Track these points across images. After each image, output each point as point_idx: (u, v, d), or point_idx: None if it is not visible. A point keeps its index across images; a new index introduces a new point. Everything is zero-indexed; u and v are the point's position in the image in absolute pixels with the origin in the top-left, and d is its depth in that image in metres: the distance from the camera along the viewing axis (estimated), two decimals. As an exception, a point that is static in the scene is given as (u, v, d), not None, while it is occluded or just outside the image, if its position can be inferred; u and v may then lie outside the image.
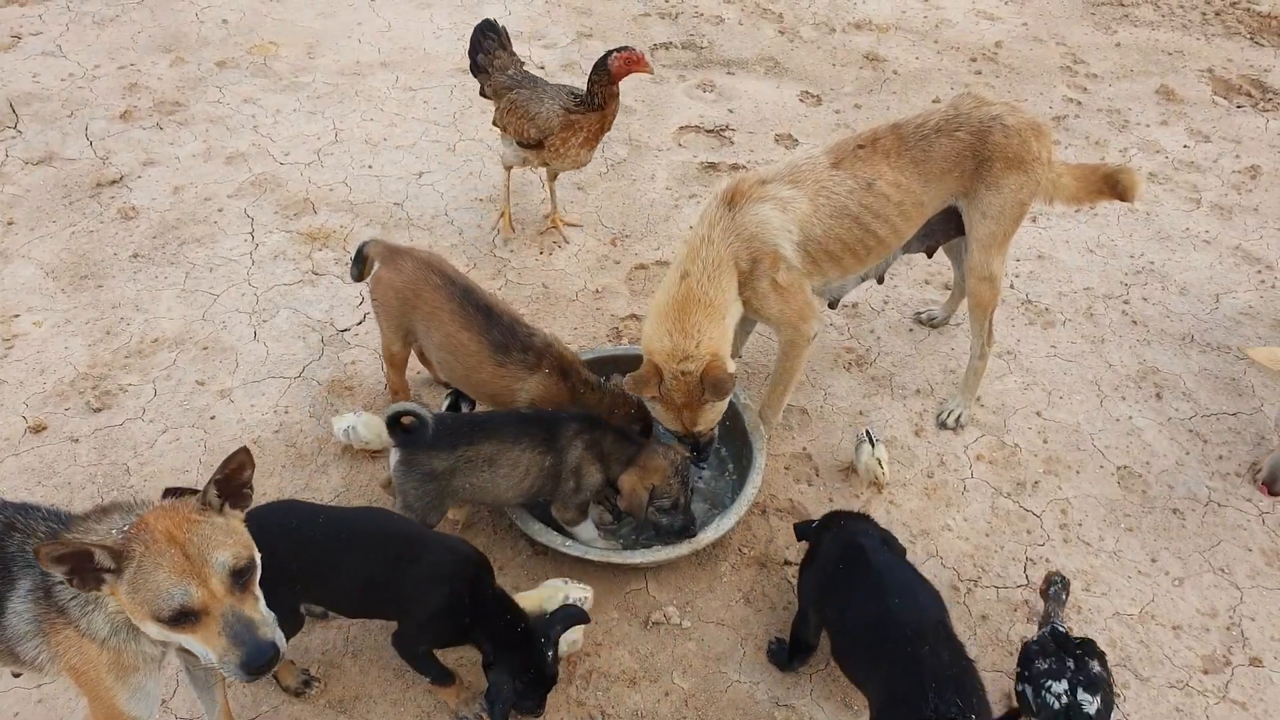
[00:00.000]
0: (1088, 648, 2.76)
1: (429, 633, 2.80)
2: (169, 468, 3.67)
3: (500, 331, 3.39)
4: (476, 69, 4.61)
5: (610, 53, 4.17)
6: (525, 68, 4.63)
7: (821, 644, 3.02)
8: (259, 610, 2.09)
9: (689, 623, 3.27)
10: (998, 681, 3.10)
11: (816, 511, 3.59)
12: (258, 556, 2.15)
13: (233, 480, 2.15)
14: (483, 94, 4.70)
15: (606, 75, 4.18)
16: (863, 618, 2.67)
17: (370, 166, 5.31)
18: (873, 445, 3.64)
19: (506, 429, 3.20)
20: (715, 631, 3.25)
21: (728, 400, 3.39)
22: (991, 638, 3.22)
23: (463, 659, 3.12)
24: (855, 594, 2.74)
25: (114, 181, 5.05)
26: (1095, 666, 2.70)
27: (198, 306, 4.39)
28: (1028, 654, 2.80)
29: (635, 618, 3.29)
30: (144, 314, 4.32)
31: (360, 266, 3.61)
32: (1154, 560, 3.44)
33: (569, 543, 3.30)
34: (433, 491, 3.11)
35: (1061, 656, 2.72)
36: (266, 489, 3.60)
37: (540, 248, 4.80)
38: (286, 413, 3.93)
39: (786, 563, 3.45)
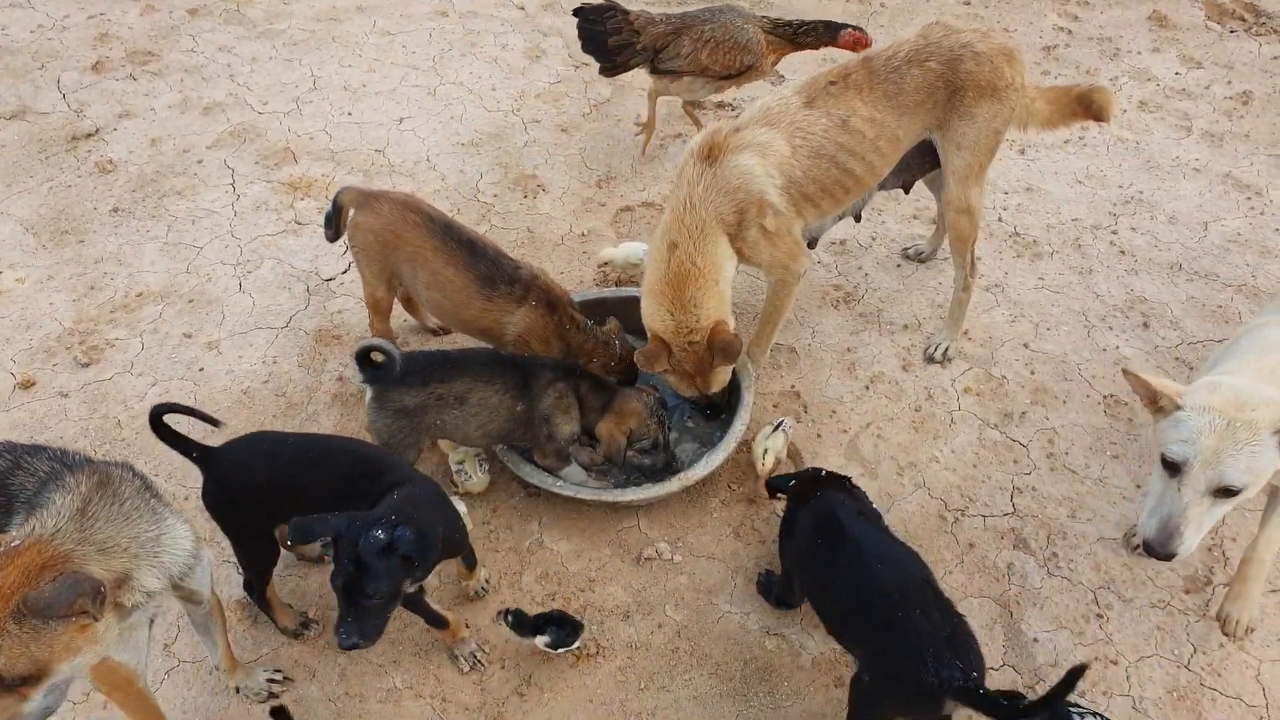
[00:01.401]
0: None
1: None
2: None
3: (486, 265, 3.38)
4: (610, 52, 4.48)
5: (846, 26, 4.35)
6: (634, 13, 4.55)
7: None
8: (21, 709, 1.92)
9: (680, 557, 3.32)
10: (984, 607, 3.16)
11: (806, 448, 3.63)
12: (50, 669, 1.90)
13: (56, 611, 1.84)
14: (611, 70, 4.56)
15: (827, 38, 4.37)
16: (848, 590, 2.60)
17: (350, 114, 5.24)
18: (774, 431, 3.50)
19: (480, 368, 3.19)
20: (706, 565, 3.29)
21: (739, 358, 3.41)
22: (978, 565, 3.27)
23: (460, 598, 3.17)
24: (836, 566, 2.67)
25: (89, 135, 4.98)
26: None
27: (181, 259, 4.35)
28: None
29: (628, 554, 3.33)
30: (127, 268, 4.29)
31: (337, 219, 3.53)
32: (1139, 486, 3.48)
33: (560, 483, 3.33)
34: (405, 428, 3.11)
35: None
36: (258, 438, 3.61)
37: (524, 191, 4.76)
38: (275, 363, 3.92)
39: (776, 497, 3.47)
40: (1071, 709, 2.41)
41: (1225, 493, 2.42)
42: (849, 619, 2.64)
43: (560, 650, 2.93)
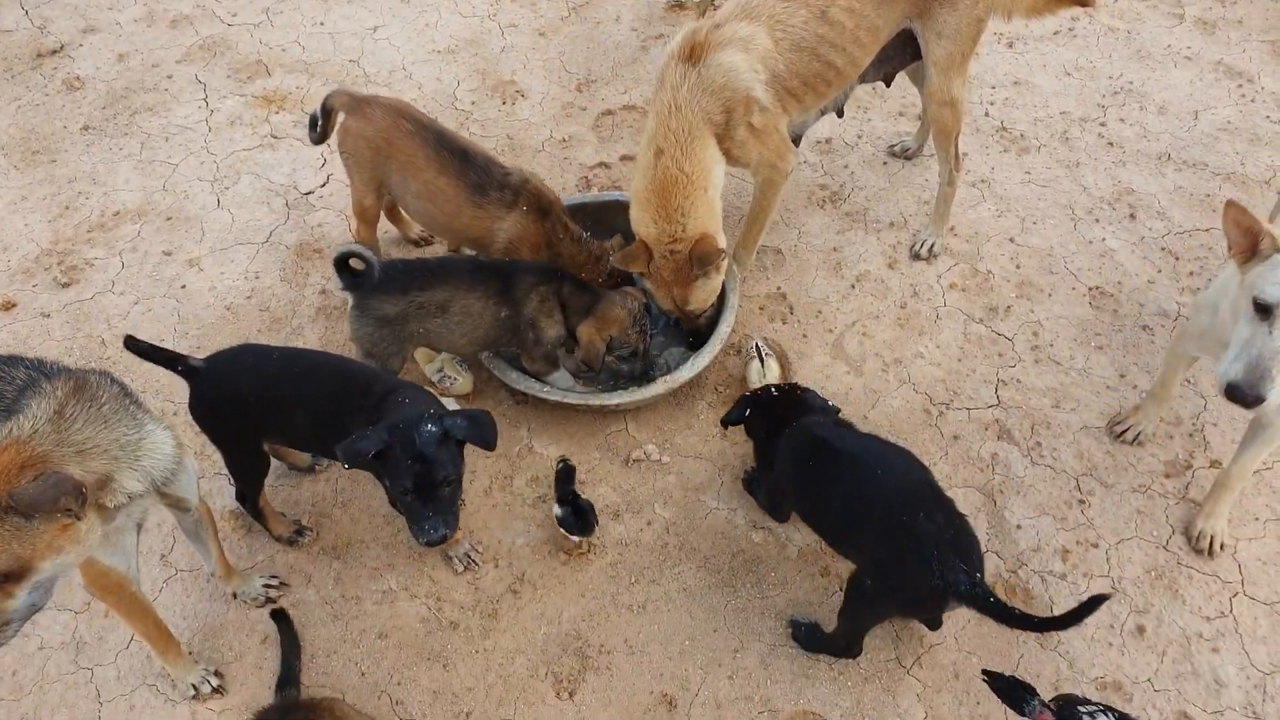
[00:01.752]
0: None
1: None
2: (144, 338, 3.64)
3: (476, 173, 3.33)
4: None
5: None
6: None
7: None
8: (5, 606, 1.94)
9: (668, 458, 3.35)
10: (969, 496, 3.21)
11: (792, 348, 3.63)
12: (34, 567, 1.92)
13: (39, 507, 1.86)
14: None
15: None
16: (848, 502, 2.58)
17: (322, 24, 5.10)
18: (763, 363, 3.47)
19: (460, 276, 3.17)
20: (694, 465, 3.33)
21: (720, 279, 3.37)
22: (963, 456, 3.31)
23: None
24: (833, 483, 2.64)
25: (54, 51, 4.85)
26: None
27: (157, 177, 4.28)
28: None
29: (616, 457, 3.36)
30: (102, 187, 4.23)
31: (325, 121, 3.46)
32: (1122, 376, 3.50)
33: (548, 388, 3.34)
34: (387, 337, 3.11)
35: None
36: (244, 353, 3.61)
37: (503, 98, 4.67)
38: (257, 278, 3.90)
39: (763, 398, 3.50)
40: (1081, 709, 2.30)
41: None
42: (850, 530, 2.64)
43: (562, 530, 2.98)
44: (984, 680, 2.47)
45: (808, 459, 2.74)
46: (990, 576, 3.01)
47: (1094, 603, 2.15)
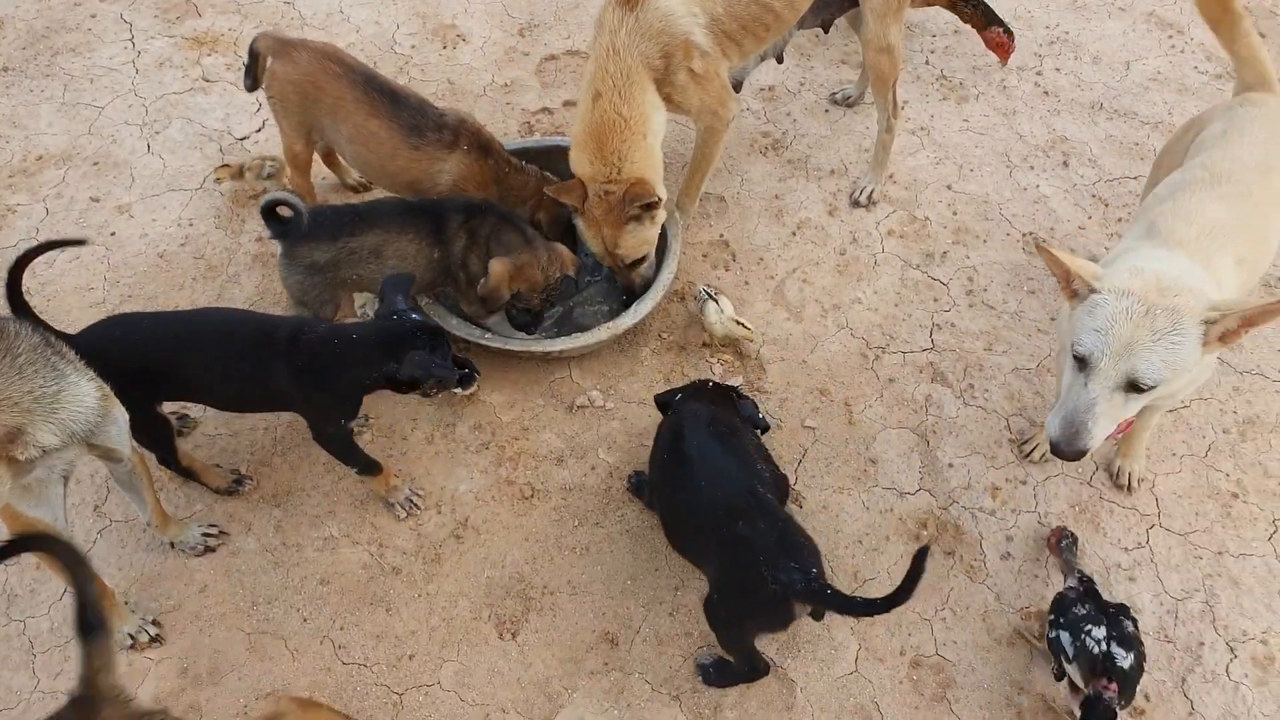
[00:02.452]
0: (1123, 609, 2.62)
1: (322, 412, 2.82)
2: (72, 286, 3.57)
3: (410, 114, 3.28)
4: None
5: None
6: None
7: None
8: None
9: (612, 404, 3.38)
10: (903, 437, 3.29)
11: (734, 295, 3.66)
12: None
13: None
14: None
15: None
16: (686, 509, 2.57)
17: (254, -38, 4.93)
18: (717, 302, 3.44)
19: (391, 219, 3.12)
20: (638, 410, 3.36)
21: (655, 230, 3.35)
22: (897, 398, 3.39)
23: (391, 452, 3.21)
24: (674, 484, 2.62)
25: (-31, -12, 4.64)
26: (1129, 626, 2.58)
27: (82, 120, 4.14)
28: (1063, 601, 2.66)
29: (560, 403, 3.38)
30: (23, 131, 4.08)
31: (255, 66, 3.37)
32: (1053, 319, 3.59)
33: (489, 335, 3.33)
34: (319, 284, 3.06)
35: (1097, 608, 2.61)
36: (178, 302, 3.54)
37: (443, 42, 4.58)
38: (191, 225, 3.81)
39: (704, 344, 3.53)
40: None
41: (1136, 388, 2.21)
42: (689, 536, 2.61)
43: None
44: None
45: (665, 451, 2.69)
46: (922, 514, 3.11)
47: (919, 560, 2.13)
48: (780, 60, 3.76)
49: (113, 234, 3.75)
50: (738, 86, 3.72)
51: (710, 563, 2.53)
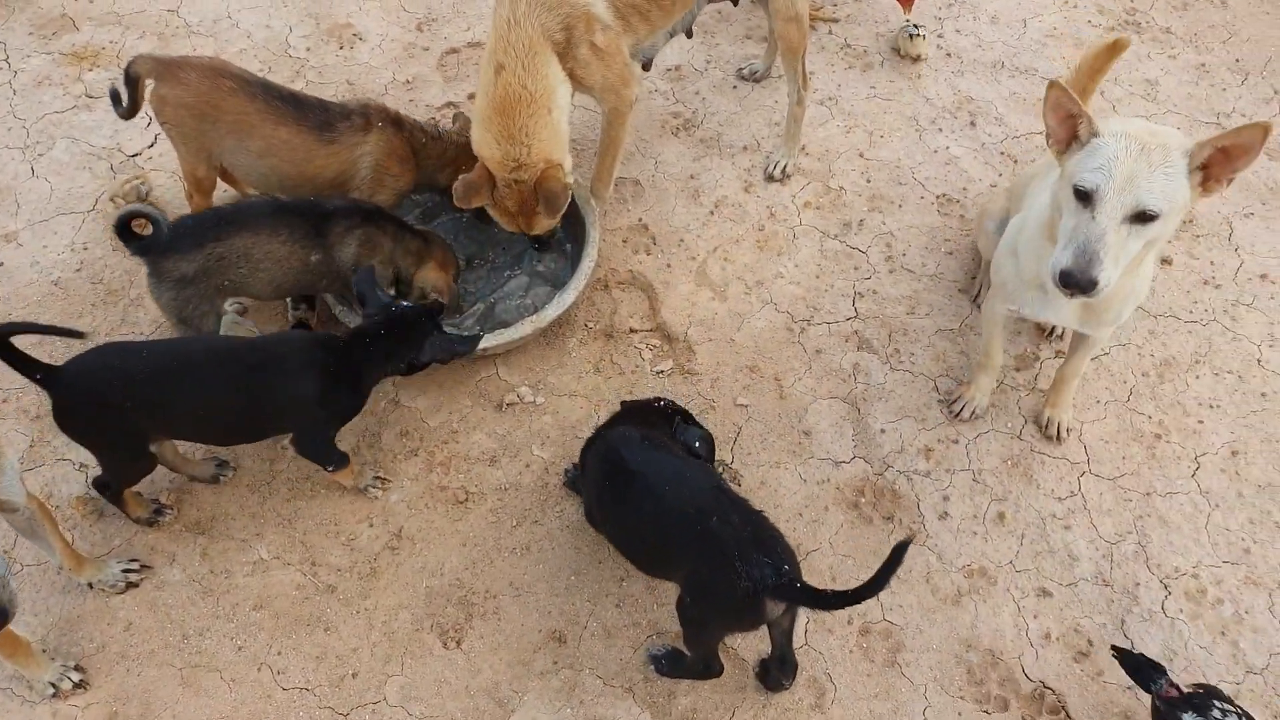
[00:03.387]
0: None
1: (331, 418, 2.85)
2: (-39, 323, 3.38)
3: (315, 113, 3.20)
4: None
5: None
6: None
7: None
8: None
9: (542, 399, 3.32)
10: (833, 407, 3.30)
11: (657, 279, 3.63)
12: None
13: None
14: None
15: None
16: (646, 522, 2.49)
17: (133, -29, 4.72)
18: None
19: (261, 219, 2.99)
20: (569, 403, 3.31)
21: (566, 199, 3.30)
22: (825, 369, 3.39)
23: (314, 470, 3.10)
24: (630, 504, 2.53)
25: None
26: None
27: (-42, 148, 3.93)
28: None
29: (489, 402, 3.31)
30: (-105, 162, 3.85)
31: (133, 92, 3.18)
32: (973, 278, 3.63)
33: (409, 338, 3.25)
34: (193, 298, 2.91)
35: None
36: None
37: (340, 42, 4.44)
38: (86, 249, 3.63)
39: (632, 330, 3.50)
40: (1217, 703, 2.28)
41: (1142, 218, 2.31)
42: (655, 550, 2.55)
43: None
44: (1113, 655, 2.60)
45: (606, 477, 2.62)
46: (858, 481, 3.12)
47: (898, 554, 2.13)
48: (690, 35, 3.72)
49: (0, 264, 3.56)
50: (648, 66, 3.68)
51: (682, 568, 2.45)
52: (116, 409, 2.55)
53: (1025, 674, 2.77)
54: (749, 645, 2.77)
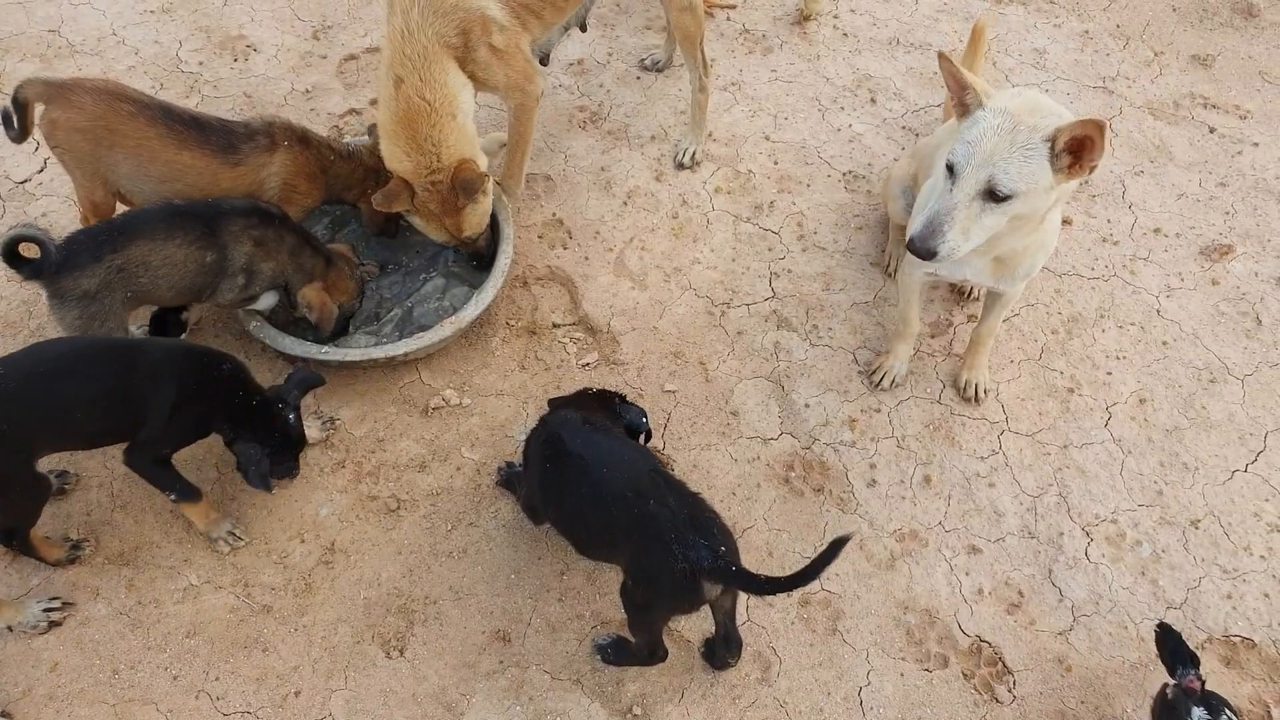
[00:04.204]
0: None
1: (171, 433, 2.71)
2: None
3: (218, 135, 3.13)
4: None
5: None
6: None
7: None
8: None
9: (469, 400, 3.30)
10: (759, 386, 3.35)
11: (576, 272, 3.63)
12: None
13: None
14: None
15: None
16: (586, 505, 2.51)
17: (7, -9, 4.54)
18: None
19: (156, 225, 2.92)
20: (496, 402, 3.30)
21: (489, 200, 3.31)
22: (748, 349, 3.44)
23: (233, 487, 3.03)
24: (569, 487, 2.55)
25: None
26: None
27: None
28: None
29: (414, 408, 3.28)
30: None
31: (22, 117, 3.03)
32: (883, 250, 3.72)
33: (327, 349, 3.20)
34: (98, 313, 2.83)
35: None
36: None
37: (233, 54, 4.34)
38: (-22, 283, 3.49)
39: (554, 325, 3.50)
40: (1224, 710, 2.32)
41: (993, 196, 2.36)
42: (595, 534, 2.56)
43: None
44: (1156, 631, 2.62)
45: (547, 461, 2.63)
46: (787, 456, 3.17)
47: (835, 547, 2.15)
48: (584, 29, 3.74)
49: (-113, 305, 3.39)
50: (545, 60, 3.68)
51: (623, 551, 2.45)
52: None
53: (962, 630, 2.86)
54: (694, 626, 2.80)
